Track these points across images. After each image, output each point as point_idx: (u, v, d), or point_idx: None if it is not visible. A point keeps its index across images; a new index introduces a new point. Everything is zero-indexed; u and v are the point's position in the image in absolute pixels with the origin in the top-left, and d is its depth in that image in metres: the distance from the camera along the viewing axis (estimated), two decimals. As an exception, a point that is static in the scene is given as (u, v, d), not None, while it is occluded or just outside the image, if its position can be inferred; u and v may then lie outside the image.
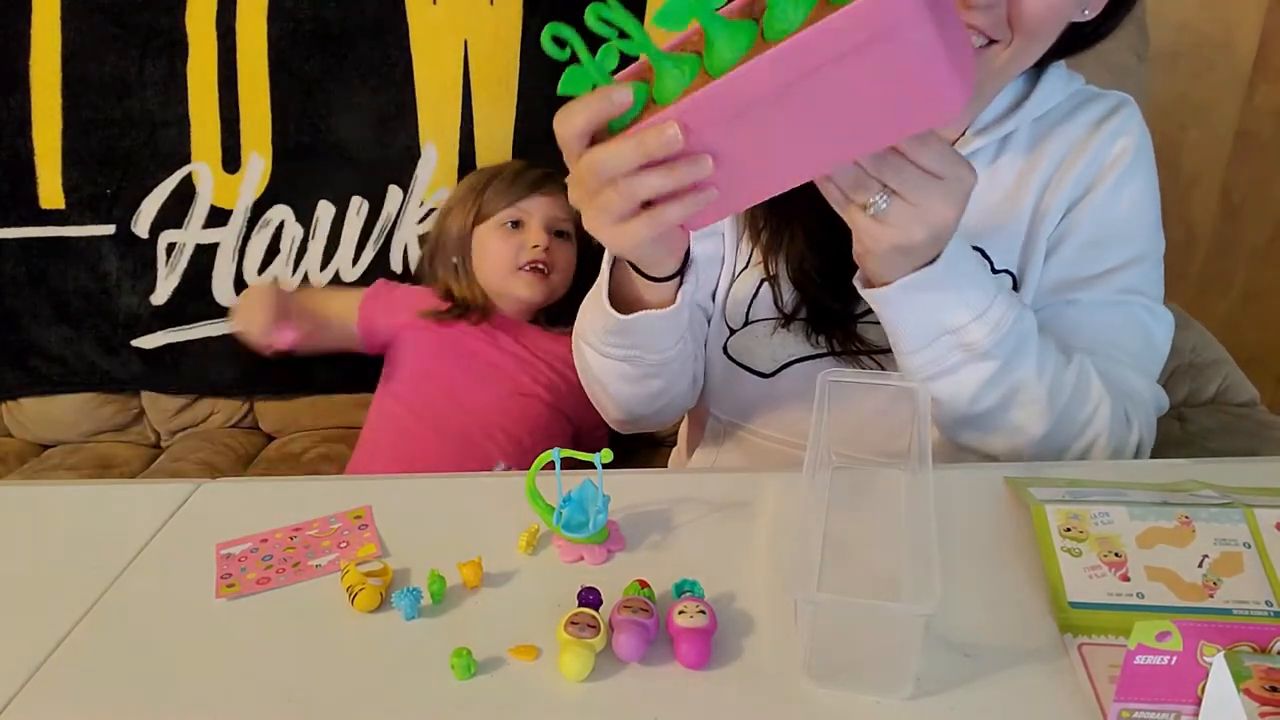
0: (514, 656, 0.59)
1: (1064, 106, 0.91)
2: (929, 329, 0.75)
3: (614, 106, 0.61)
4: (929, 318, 0.75)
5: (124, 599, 0.67)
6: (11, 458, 1.45)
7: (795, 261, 0.89)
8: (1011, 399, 0.78)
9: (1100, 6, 0.82)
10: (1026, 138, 0.90)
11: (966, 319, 0.74)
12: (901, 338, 0.77)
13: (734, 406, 0.97)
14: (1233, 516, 0.64)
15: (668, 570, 0.65)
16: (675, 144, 0.59)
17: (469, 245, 1.32)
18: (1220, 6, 1.59)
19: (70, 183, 1.37)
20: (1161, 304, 0.90)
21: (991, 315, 0.75)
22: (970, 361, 0.76)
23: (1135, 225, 0.90)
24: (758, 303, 0.92)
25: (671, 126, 0.59)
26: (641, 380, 0.87)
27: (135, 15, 1.33)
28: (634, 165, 0.61)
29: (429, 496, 0.78)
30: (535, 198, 1.30)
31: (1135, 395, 0.85)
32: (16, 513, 0.79)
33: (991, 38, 0.77)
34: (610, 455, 0.66)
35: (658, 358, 0.84)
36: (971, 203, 0.86)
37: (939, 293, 0.73)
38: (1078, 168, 0.89)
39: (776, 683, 0.57)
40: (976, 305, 0.74)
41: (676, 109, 0.59)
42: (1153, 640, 0.47)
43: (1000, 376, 0.76)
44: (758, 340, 0.93)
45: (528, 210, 1.30)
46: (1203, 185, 1.76)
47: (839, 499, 0.73)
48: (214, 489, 0.80)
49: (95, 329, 1.41)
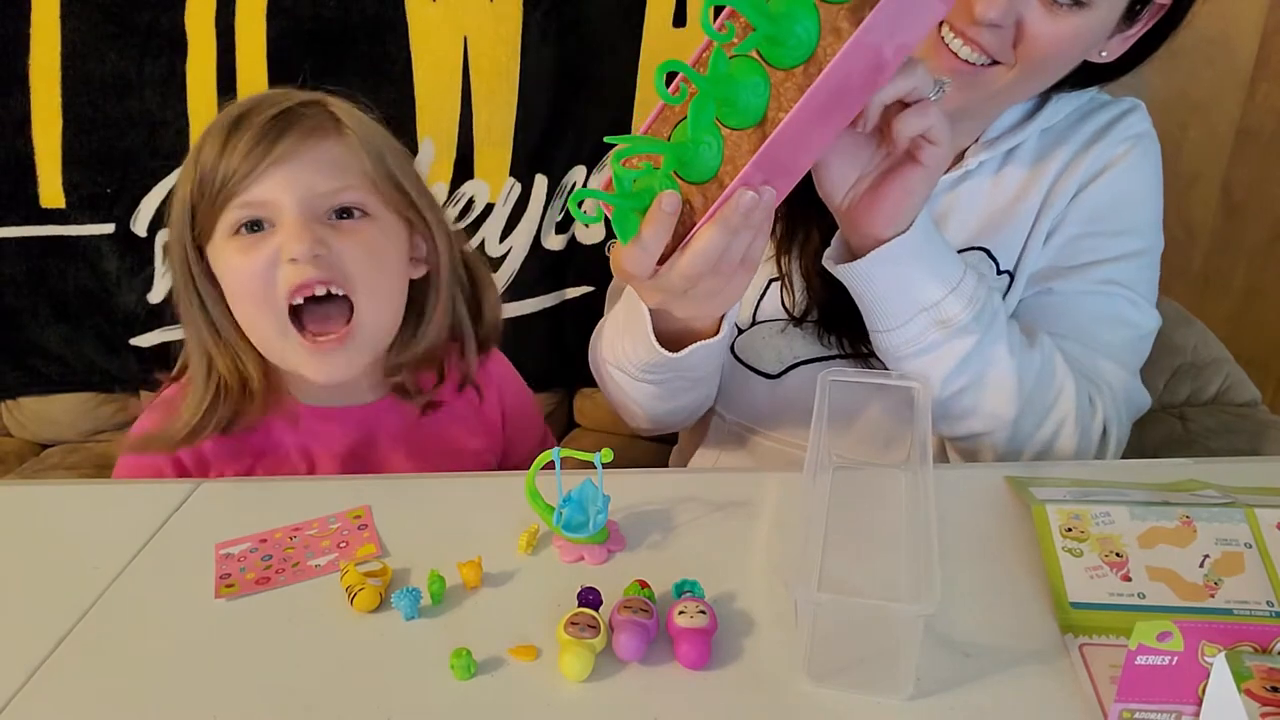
0: (514, 657, 0.59)
1: (1073, 116, 0.91)
2: (906, 305, 0.76)
3: (669, 216, 0.62)
4: (905, 293, 0.75)
5: (123, 599, 0.67)
6: (11, 457, 1.45)
7: (809, 260, 0.88)
8: (983, 377, 0.78)
9: (1118, 52, 0.82)
10: (1033, 148, 0.91)
11: (942, 293, 0.75)
12: (878, 315, 0.77)
13: (739, 407, 0.97)
14: (1234, 516, 0.64)
15: (668, 570, 0.65)
16: (755, 208, 0.61)
17: (204, 271, 0.80)
18: (1220, 4, 1.59)
19: (70, 182, 1.36)
20: (1151, 303, 0.90)
21: (965, 288, 0.75)
22: (948, 339, 0.76)
23: (1129, 220, 0.90)
24: (765, 303, 0.92)
25: (748, 195, 0.60)
26: (675, 395, 0.87)
27: (135, 14, 1.32)
28: (727, 246, 0.62)
29: (429, 496, 0.78)
30: (283, 167, 0.74)
31: (1101, 381, 0.85)
32: (16, 513, 0.79)
33: (996, 59, 0.78)
34: (610, 455, 0.66)
35: (698, 375, 0.84)
36: (975, 208, 0.87)
37: (913, 265, 0.74)
38: (1081, 169, 0.89)
39: (776, 683, 0.57)
40: (950, 278, 0.75)
41: (745, 175, 0.60)
42: (1154, 640, 0.47)
43: (975, 353, 0.77)
44: (764, 341, 0.93)
45: (270, 193, 0.75)
46: (1203, 184, 1.76)
47: (839, 499, 0.72)
48: (213, 489, 0.80)
49: (95, 328, 1.41)
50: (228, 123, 0.76)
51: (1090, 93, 0.91)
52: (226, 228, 0.77)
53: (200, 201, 0.77)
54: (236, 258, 0.77)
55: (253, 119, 0.75)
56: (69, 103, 1.35)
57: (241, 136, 0.74)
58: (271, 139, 0.73)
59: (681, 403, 0.89)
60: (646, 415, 0.91)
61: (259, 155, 0.73)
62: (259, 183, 0.74)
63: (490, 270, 0.91)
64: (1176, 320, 1.23)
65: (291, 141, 0.74)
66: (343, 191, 0.77)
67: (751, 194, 0.60)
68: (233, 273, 0.78)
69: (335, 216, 0.78)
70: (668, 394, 0.86)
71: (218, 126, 0.77)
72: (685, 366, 0.80)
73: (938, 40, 0.79)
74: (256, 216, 0.76)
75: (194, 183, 0.76)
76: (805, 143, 0.61)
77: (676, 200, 0.62)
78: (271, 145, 0.73)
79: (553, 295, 1.41)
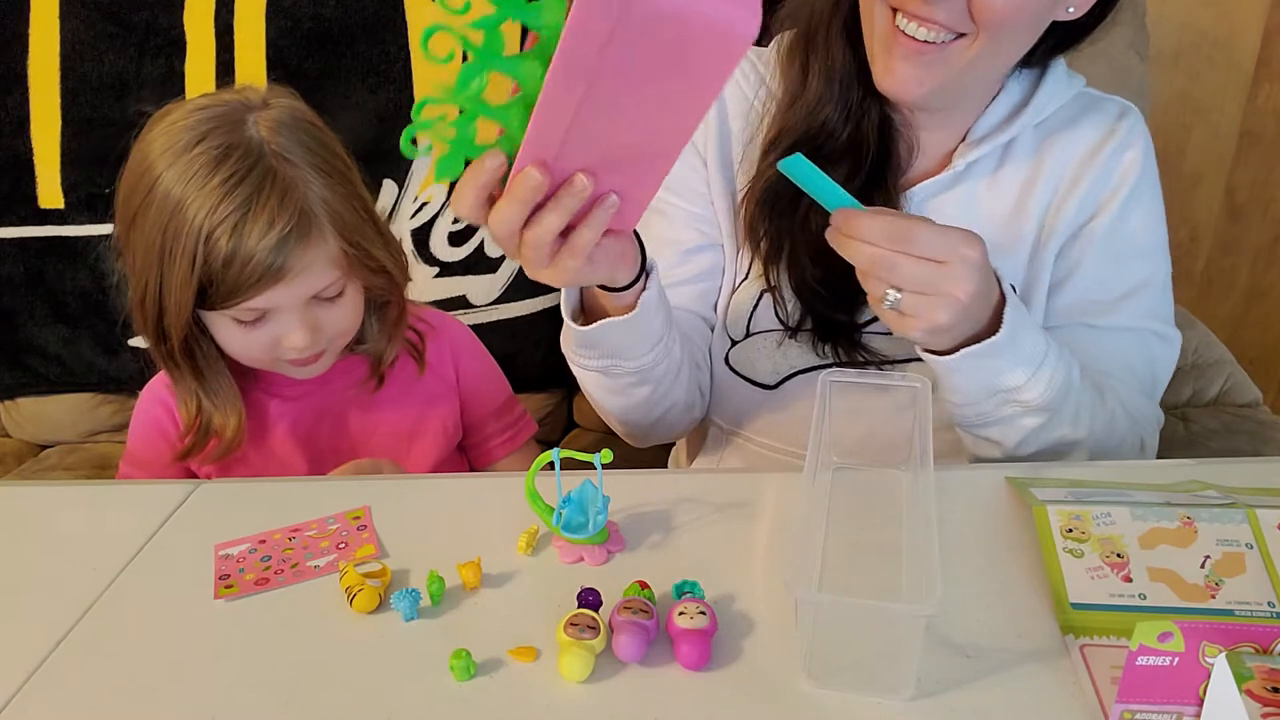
0: (513, 658, 0.59)
1: (1067, 111, 0.90)
2: (985, 389, 0.77)
3: (490, 173, 0.61)
4: (987, 380, 0.76)
5: (122, 599, 0.67)
6: (9, 458, 1.44)
7: (796, 273, 0.88)
8: (1054, 442, 0.80)
9: (1086, 7, 0.81)
10: (1029, 144, 0.89)
11: (1022, 379, 0.76)
12: (953, 392, 0.78)
13: (736, 416, 0.96)
14: (1235, 517, 0.64)
15: (668, 571, 0.65)
16: (541, 184, 0.60)
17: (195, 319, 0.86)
18: (1222, 5, 1.59)
19: (68, 182, 1.36)
20: (1172, 323, 0.91)
21: (1044, 372, 0.76)
22: (1023, 415, 0.77)
23: (1147, 245, 0.90)
24: (759, 314, 0.92)
25: (530, 172, 0.60)
26: (626, 390, 0.85)
27: (133, 14, 1.32)
28: (524, 216, 0.62)
29: (428, 497, 0.78)
30: (280, 288, 0.83)
31: (1143, 420, 0.87)
32: (16, 513, 0.79)
33: (958, 31, 0.77)
34: (610, 455, 0.66)
35: (634, 364, 0.82)
36: (976, 214, 0.86)
37: (999, 359, 0.74)
38: (1084, 186, 0.88)
39: (776, 683, 0.57)
40: (1031, 362, 0.76)
41: (523, 153, 0.60)
42: (1155, 641, 0.47)
43: (1048, 424, 0.78)
44: (759, 353, 0.92)
45: (273, 301, 0.84)
46: (1206, 185, 1.76)
47: (840, 499, 0.72)
48: (212, 489, 0.80)
49: (93, 329, 1.41)
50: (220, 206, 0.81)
51: (1079, 84, 0.90)
52: (227, 313, 0.85)
53: (208, 293, 0.82)
54: (236, 332, 0.86)
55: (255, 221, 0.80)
56: (68, 103, 1.34)
57: (245, 245, 0.80)
58: (279, 267, 0.81)
59: (633, 400, 0.86)
60: (609, 414, 0.90)
61: (270, 279, 0.82)
62: (263, 293, 0.83)
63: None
64: (1178, 322, 1.23)
65: (293, 258, 0.82)
66: (330, 286, 0.87)
67: (534, 173, 0.59)
68: (232, 342, 0.88)
69: (322, 296, 0.88)
70: (614, 386, 0.85)
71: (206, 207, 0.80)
72: (607, 343, 0.79)
73: (892, 28, 0.78)
74: (261, 312, 0.85)
75: (199, 273, 0.81)
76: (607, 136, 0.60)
77: (495, 160, 0.61)
78: (279, 275, 0.82)
79: (552, 295, 1.40)
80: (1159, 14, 1.47)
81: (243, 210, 0.80)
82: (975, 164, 0.88)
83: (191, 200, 0.80)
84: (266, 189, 0.81)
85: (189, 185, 0.80)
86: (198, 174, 0.80)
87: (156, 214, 0.81)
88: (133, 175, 0.85)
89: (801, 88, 0.87)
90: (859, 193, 0.71)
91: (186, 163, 0.81)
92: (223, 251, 0.80)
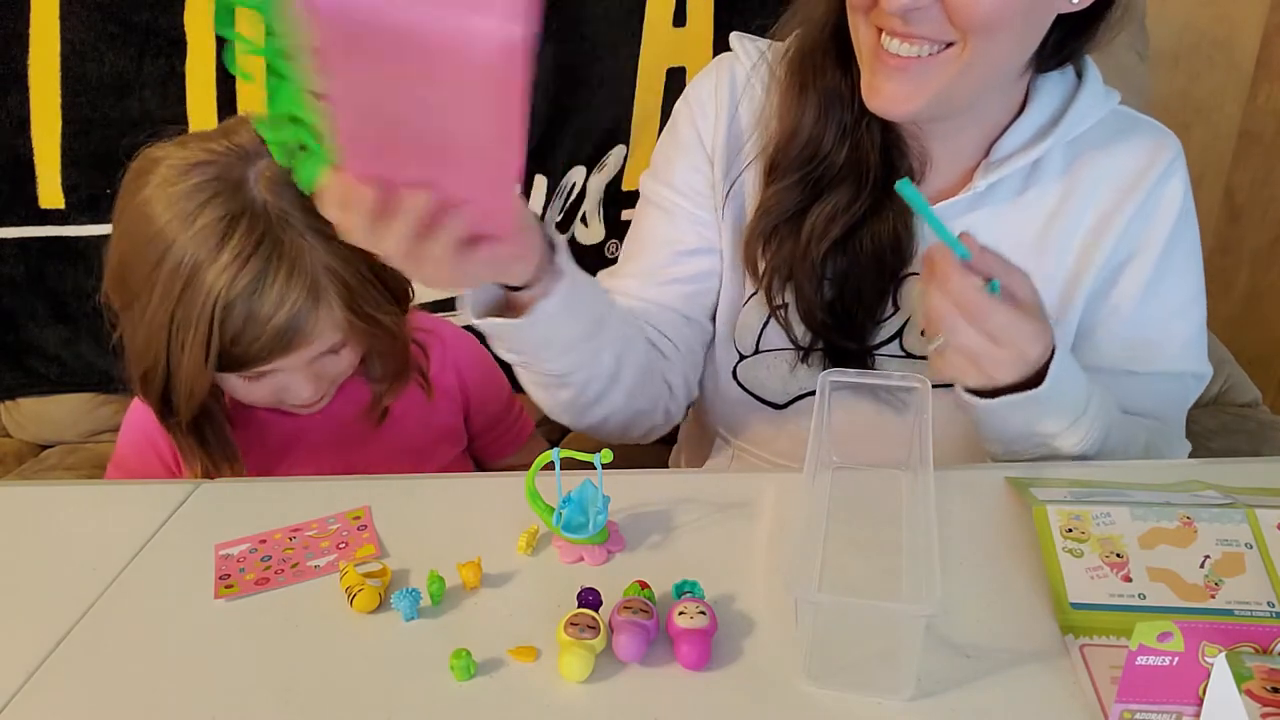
0: (513, 658, 0.59)
1: (1102, 130, 0.86)
2: (1019, 433, 0.77)
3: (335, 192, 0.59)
4: (1023, 426, 0.77)
5: (122, 599, 0.67)
6: (10, 458, 1.44)
7: (804, 303, 0.86)
8: None
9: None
10: (1059, 163, 0.85)
11: (1060, 428, 0.76)
12: (989, 431, 0.79)
13: (741, 431, 0.95)
14: (1234, 517, 0.64)
15: (668, 571, 0.65)
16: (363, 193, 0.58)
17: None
18: (1222, 5, 1.59)
19: (69, 183, 1.36)
20: (1206, 359, 0.90)
21: (1084, 422, 0.76)
22: (1053, 454, 0.78)
23: (1191, 289, 0.89)
24: (769, 331, 0.90)
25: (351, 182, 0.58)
26: (548, 389, 0.83)
27: (134, 14, 1.32)
28: (370, 227, 0.59)
29: (428, 497, 0.78)
30: (289, 356, 0.84)
31: (1170, 453, 0.88)
32: (16, 513, 0.79)
33: (945, 41, 0.74)
34: (610, 455, 0.66)
35: (548, 368, 0.79)
36: (1001, 239, 0.77)
37: (1038, 407, 0.74)
38: (1123, 219, 0.85)
39: (776, 683, 0.57)
40: (1070, 414, 0.76)
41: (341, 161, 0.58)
42: (1154, 641, 0.47)
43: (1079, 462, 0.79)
44: (770, 372, 0.91)
45: (280, 365, 0.85)
46: (1205, 186, 1.76)
47: (839, 499, 0.72)
48: (213, 489, 0.80)
49: (93, 329, 1.40)
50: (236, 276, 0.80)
51: (1115, 99, 0.87)
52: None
53: (224, 356, 0.82)
54: (240, 384, 0.88)
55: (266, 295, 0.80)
56: (68, 103, 1.34)
57: (257, 319, 0.81)
58: (289, 340, 0.82)
59: (559, 399, 0.84)
60: (539, 404, 0.87)
61: (280, 351, 0.83)
62: (271, 362, 0.84)
63: None
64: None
65: (302, 330, 0.83)
66: (336, 346, 0.88)
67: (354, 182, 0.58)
68: (236, 390, 0.89)
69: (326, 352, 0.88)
70: (535, 382, 0.82)
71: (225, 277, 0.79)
72: (507, 339, 0.75)
73: (877, 47, 0.76)
74: (266, 372, 0.86)
75: (218, 338, 0.81)
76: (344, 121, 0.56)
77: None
78: (288, 347, 0.83)
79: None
80: (1159, 14, 1.47)
81: (255, 286, 0.79)
82: (997, 185, 0.84)
83: (204, 273, 0.79)
84: (275, 261, 0.80)
85: (200, 258, 0.79)
86: (206, 245, 0.79)
87: (165, 286, 0.80)
88: (132, 241, 0.83)
89: (797, 109, 0.84)
90: (868, 212, 0.70)
91: (192, 235, 0.79)
92: (235, 326, 0.80)
